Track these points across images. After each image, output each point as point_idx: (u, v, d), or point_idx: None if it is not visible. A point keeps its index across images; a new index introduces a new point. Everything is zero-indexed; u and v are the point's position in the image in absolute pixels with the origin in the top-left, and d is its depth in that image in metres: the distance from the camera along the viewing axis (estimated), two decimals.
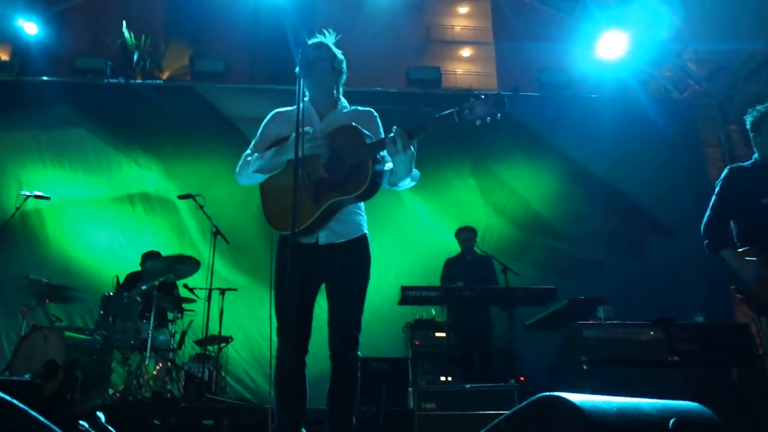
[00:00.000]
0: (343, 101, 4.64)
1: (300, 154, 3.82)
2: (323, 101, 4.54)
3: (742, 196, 5.54)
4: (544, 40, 13.61)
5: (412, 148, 4.03)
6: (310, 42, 4.43)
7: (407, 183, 4.29)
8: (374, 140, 4.14)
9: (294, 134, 3.89)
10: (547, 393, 2.50)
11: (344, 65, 4.58)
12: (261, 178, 4.38)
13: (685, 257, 11.46)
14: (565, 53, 13.72)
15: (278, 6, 12.03)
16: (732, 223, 5.66)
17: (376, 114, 4.54)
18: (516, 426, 2.60)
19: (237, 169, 4.48)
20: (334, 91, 4.58)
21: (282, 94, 10.57)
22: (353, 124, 4.24)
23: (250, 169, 4.35)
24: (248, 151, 4.52)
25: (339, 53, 4.56)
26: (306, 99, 4.51)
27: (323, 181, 4.14)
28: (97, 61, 12.54)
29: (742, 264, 5.27)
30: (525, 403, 2.59)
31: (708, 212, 5.73)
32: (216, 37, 13.22)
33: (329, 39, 4.60)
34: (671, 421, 2.36)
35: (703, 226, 5.80)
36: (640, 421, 2.42)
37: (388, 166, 4.21)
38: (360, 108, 4.59)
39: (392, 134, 3.98)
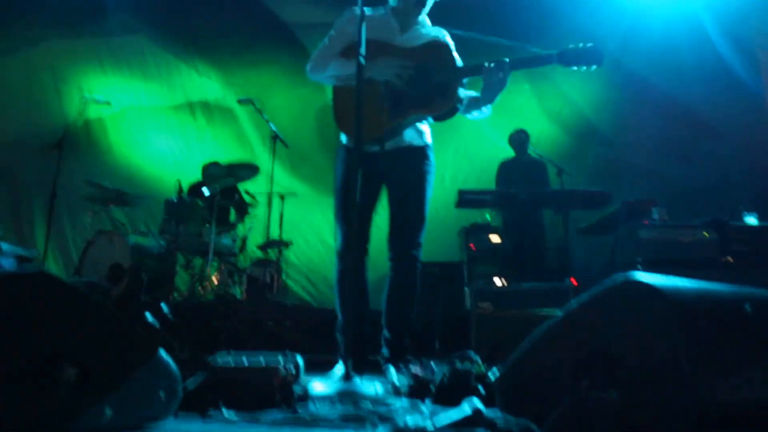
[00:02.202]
0: (427, 19, 4.46)
1: (380, 76, 3.98)
2: (407, 13, 4.33)
3: None
4: None
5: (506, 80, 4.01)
6: None
7: (479, 114, 4.34)
8: (464, 64, 4.09)
9: (376, 56, 3.94)
10: (623, 275, 2.50)
11: None
12: (333, 80, 4.26)
13: (736, 159, 11.33)
14: None
15: None
16: None
17: (450, 39, 4.40)
18: (591, 310, 2.59)
19: (310, 63, 4.34)
20: (422, 8, 4.35)
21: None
22: (445, 41, 4.20)
23: (328, 72, 4.23)
24: (324, 44, 4.35)
25: None
26: (390, 5, 4.38)
27: (403, 94, 4.07)
28: None
29: None
30: (600, 287, 2.58)
31: None
32: None
33: None
34: (747, 305, 2.37)
35: None
36: (719, 303, 2.43)
37: (465, 93, 4.18)
38: (443, 31, 4.43)
39: (493, 64, 3.95)
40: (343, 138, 4.37)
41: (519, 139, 9.53)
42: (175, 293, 8.22)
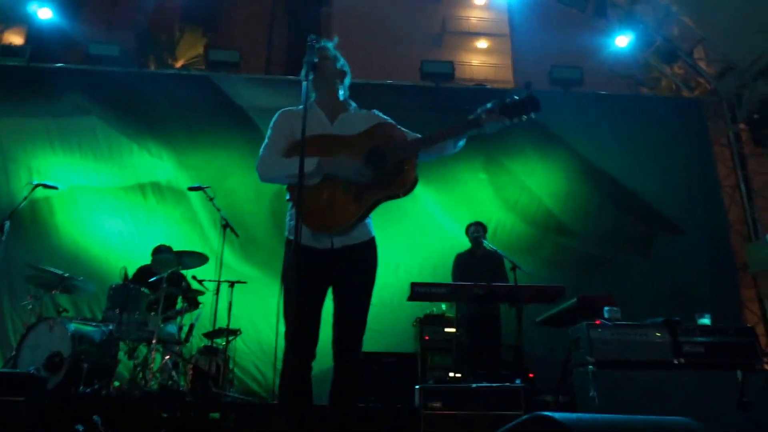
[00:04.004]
0: (352, 103, 4.47)
1: (340, 175, 3.97)
2: (331, 103, 4.39)
3: None
4: (559, 35, 13.45)
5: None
6: (315, 44, 4.23)
7: (454, 148, 4.29)
8: (416, 137, 4.09)
9: (332, 158, 4.01)
10: (536, 413, 2.61)
11: (347, 67, 4.49)
12: (289, 180, 4.12)
13: (693, 256, 11.40)
14: (579, 49, 13.57)
15: None
16: None
17: (386, 117, 4.37)
18: None
19: (259, 168, 4.20)
20: (340, 93, 4.42)
21: (296, 85, 10.45)
22: (386, 119, 4.23)
23: (283, 173, 4.11)
24: (266, 152, 4.24)
25: (340, 56, 4.48)
26: (312, 100, 4.38)
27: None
28: (111, 48, 12.29)
29: None
30: (515, 422, 2.69)
31: None
32: (231, 27, 13.02)
33: (331, 43, 4.49)
34: None
35: None
36: None
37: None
38: (374, 111, 4.41)
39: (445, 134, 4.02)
40: (290, 233, 4.21)
41: (475, 232, 9.35)
42: (116, 382, 7.74)
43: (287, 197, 4.12)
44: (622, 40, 12.81)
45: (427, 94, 12.30)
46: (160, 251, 9.01)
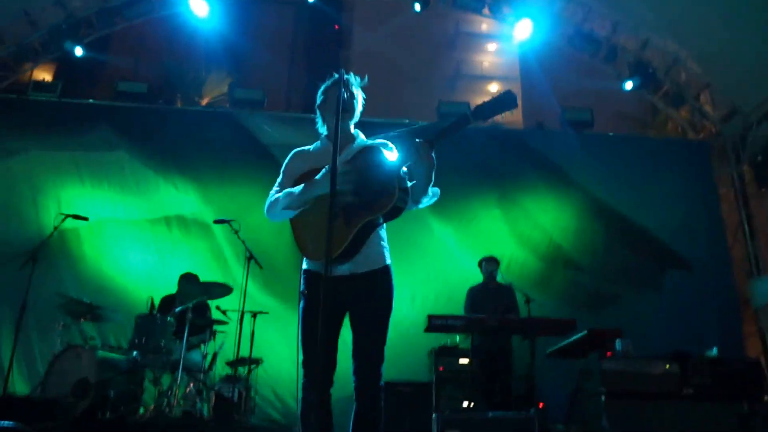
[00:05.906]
0: (360, 135, 4.43)
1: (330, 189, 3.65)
2: (342, 136, 4.23)
3: None
4: (568, 78, 13.47)
5: (433, 157, 3.86)
6: (345, 79, 4.25)
7: (428, 200, 4.11)
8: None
9: (324, 168, 3.90)
10: None
11: (362, 106, 4.44)
12: (291, 214, 4.13)
13: (700, 291, 11.40)
14: (587, 92, 13.58)
15: (316, 38, 11.92)
16: None
17: (390, 145, 4.26)
18: None
19: (266, 206, 4.24)
20: (351, 127, 4.38)
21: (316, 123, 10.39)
22: (374, 144, 4.14)
23: (279, 207, 4.10)
24: (274, 190, 4.27)
25: (360, 95, 4.42)
26: (323, 135, 4.40)
27: (352, 205, 3.89)
28: (139, 86, 12.38)
29: None
30: None
31: None
32: (255, 66, 13.01)
33: (358, 82, 4.42)
34: None
35: None
36: None
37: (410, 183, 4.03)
38: (376, 140, 4.34)
39: (413, 147, 3.83)
40: (305, 263, 4.20)
41: (489, 267, 9.33)
42: (141, 409, 7.75)
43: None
44: (631, 84, 12.77)
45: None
46: (187, 279, 9.03)
